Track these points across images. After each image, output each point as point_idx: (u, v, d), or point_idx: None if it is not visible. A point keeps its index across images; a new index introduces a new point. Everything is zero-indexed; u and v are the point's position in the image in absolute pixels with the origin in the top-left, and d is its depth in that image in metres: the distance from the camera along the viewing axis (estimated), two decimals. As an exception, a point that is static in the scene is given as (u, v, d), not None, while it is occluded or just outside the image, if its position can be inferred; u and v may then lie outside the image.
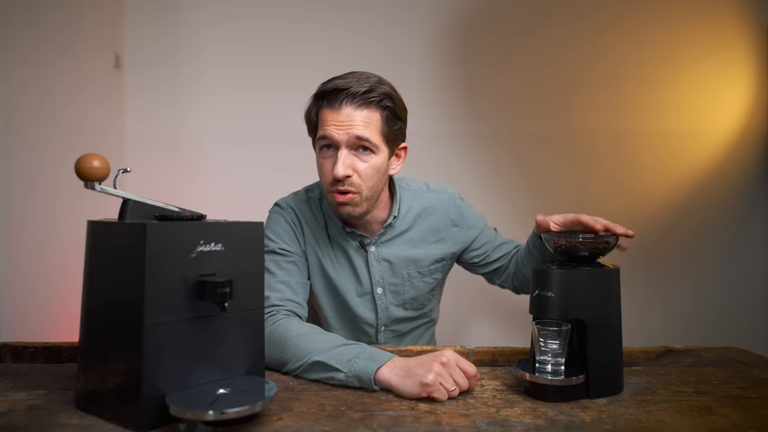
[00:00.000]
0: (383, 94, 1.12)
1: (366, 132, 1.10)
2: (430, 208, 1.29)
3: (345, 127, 1.10)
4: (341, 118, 1.10)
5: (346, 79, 1.11)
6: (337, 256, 1.25)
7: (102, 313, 0.81)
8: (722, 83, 2.12)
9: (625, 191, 2.14)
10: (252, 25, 2.11)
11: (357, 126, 1.10)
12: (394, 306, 1.28)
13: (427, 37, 2.13)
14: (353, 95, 1.09)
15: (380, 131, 1.12)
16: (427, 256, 1.28)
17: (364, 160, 1.12)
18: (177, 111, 2.11)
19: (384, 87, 1.13)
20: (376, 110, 1.11)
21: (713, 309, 2.14)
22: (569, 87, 2.13)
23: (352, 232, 1.23)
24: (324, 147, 1.14)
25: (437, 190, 1.33)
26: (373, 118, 1.11)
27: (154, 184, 2.07)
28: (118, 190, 0.83)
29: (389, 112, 1.13)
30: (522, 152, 2.15)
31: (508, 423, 0.80)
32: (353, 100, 1.10)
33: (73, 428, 0.77)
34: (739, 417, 0.83)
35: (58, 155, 1.59)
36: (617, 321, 0.95)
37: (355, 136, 1.10)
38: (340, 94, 1.10)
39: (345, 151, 1.11)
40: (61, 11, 1.68)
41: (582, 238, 0.95)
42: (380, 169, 1.15)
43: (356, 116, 1.10)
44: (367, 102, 1.10)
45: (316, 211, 1.26)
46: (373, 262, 1.25)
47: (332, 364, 0.94)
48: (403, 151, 1.23)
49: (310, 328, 1.06)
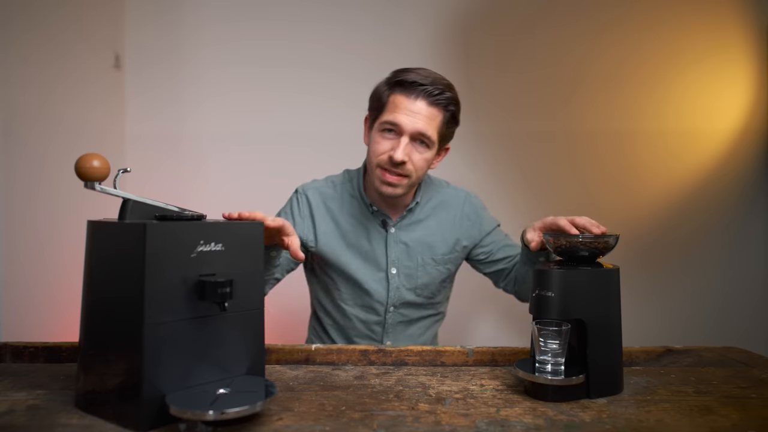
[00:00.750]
0: (452, 98, 1.24)
1: (429, 128, 1.21)
2: (447, 202, 1.40)
3: (414, 118, 1.20)
4: (414, 109, 1.20)
5: (425, 76, 1.22)
6: (355, 235, 1.34)
7: (102, 313, 0.81)
8: (722, 83, 2.12)
9: (625, 191, 2.15)
10: (252, 25, 2.11)
11: (424, 120, 1.21)
12: (405, 289, 1.35)
13: (427, 37, 2.13)
14: (429, 93, 1.20)
15: (438, 130, 1.24)
16: (442, 245, 1.36)
17: (419, 152, 1.23)
18: (177, 111, 2.11)
19: (454, 93, 1.25)
20: (441, 111, 1.23)
21: (713, 309, 2.14)
22: (569, 87, 2.13)
23: (378, 210, 1.33)
24: (386, 129, 1.23)
25: (456, 189, 1.44)
26: (437, 117, 1.23)
27: (154, 184, 2.07)
28: (118, 190, 0.83)
29: (451, 116, 1.26)
30: (522, 152, 2.15)
31: (508, 423, 0.80)
32: (428, 96, 1.21)
33: (73, 428, 0.77)
34: (739, 417, 0.83)
35: (58, 155, 1.59)
36: (617, 321, 0.95)
37: (419, 131, 1.21)
38: (418, 87, 1.20)
39: (407, 139, 1.21)
40: (61, 11, 1.68)
41: (582, 238, 0.95)
42: (429, 162, 1.26)
43: (426, 112, 1.21)
44: (438, 102, 1.22)
45: (341, 190, 1.36)
46: (392, 243, 1.34)
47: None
48: (445, 151, 1.34)
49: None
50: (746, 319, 2.13)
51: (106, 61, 1.97)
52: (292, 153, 2.06)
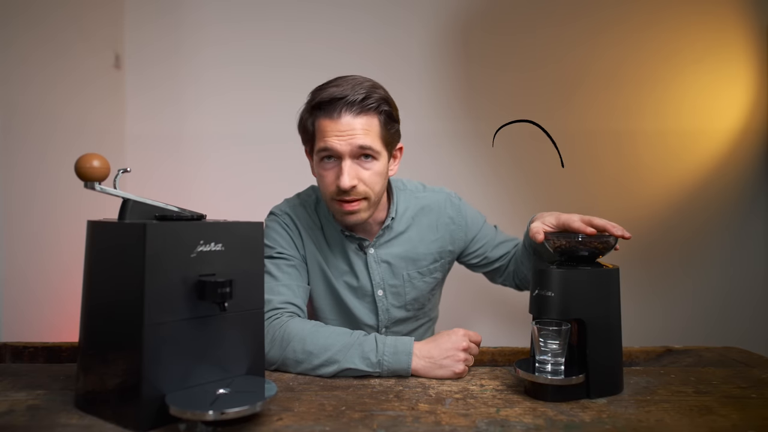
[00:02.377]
0: (380, 99, 1.11)
1: (368, 140, 1.09)
2: (427, 207, 1.29)
3: (346, 137, 1.08)
4: (342, 128, 1.08)
5: (341, 87, 1.09)
6: (336, 259, 1.24)
7: (102, 313, 0.81)
8: (722, 83, 2.12)
9: (625, 191, 2.14)
10: (252, 25, 2.11)
11: (358, 135, 1.08)
12: (395, 308, 1.29)
13: (427, 37, 2.13)
14: (351, 103, 1.08)
15: (380, 136, 1.12)
16: (426, 255, 1.28)
17: (367, 168, 1.12)
18: (177, 111, 2.11)
19: (379, 91, 1.12)
20: (374, 116, 1.11)
21: (713, 309, 2.14)
22: (569, 87, 2.13)
23: (351, 235, 1.23)
24: (325, 158, 1.12)
25: (434, 190, 1.33)
26: (372, 124, 1.10)
27: (154, 184, 2.07)
28: (118, 190, 0.83)
29: (386, 116, 1.13)
30: (522, 152, 2.15)
31: (508, 423, 0.80)
32: (351, 107, 1.08)
33: (73, 428, 0.77)
34: (739, 417, 0.83)
35: (58, 155, 1.59)
36: (617, 321, 0.95)
37: (357, 146, 1.09)
38: (338, 103, 1.08)
39: (349, 161, 1.10)
40: (61, 11, 1.68)
41: (582, 238, 0.95)
42: (383, 173, 1.15)
43: (356, 124, 1.09)
44: (365, 109, 1.09)
45: (312, 215, 1.26)
46: (373, 264, 1.25)
47: (364, 368, 1.00)
48: (399, 152, 1.24)
49: (315, 325, 1.07)
50: (746, 319, 2.13)
51: (106, 60, 1.97)
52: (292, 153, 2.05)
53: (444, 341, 1.02)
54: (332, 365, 1.00)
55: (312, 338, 1.02)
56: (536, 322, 0.92)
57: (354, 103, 1.08)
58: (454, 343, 1.02)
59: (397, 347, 1.01)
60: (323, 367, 1.01)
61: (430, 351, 1.01)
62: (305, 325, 1.06)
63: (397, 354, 1.00)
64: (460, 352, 1.01)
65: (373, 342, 1.02)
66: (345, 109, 1.08)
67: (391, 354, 1.00)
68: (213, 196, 2.11)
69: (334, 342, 1.01)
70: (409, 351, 1.00)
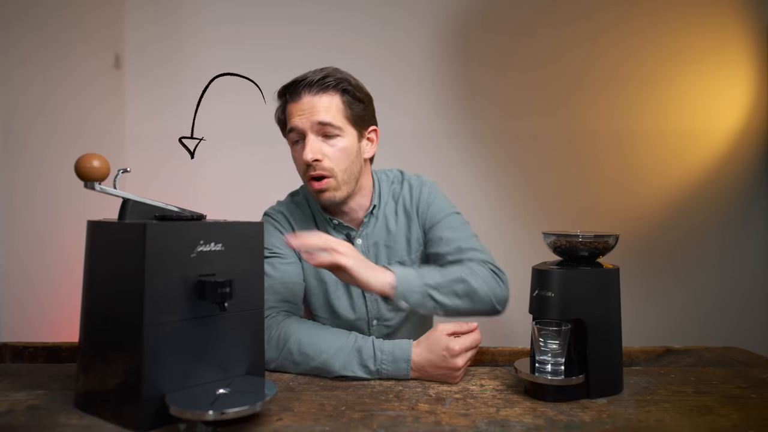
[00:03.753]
0: (339, 78, 1.16)
1: (327, 116, 1.14)
2: (404, 194, 1.30)
3: (307, 114, 1.14)
4: (303, 107, 1.15)
5: (304, 73, 1.17)
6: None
7: (102, 313, 0.81)
8: (722, 83, 2.12)
9: (625, 191, 2.15)
10: (252, 25, 2.11)
11: (318, 112, 1.14)
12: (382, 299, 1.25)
13: (427, 37, 2.13)
14: (310, 83, 1.14)
15: (343, 114, 1.16)
16: (405, 245, 1.28)
17: (331, 144, 1.16)
18: (177, 111, 2.11)
19: (340, 74, 1.18)
20: (335, 94, 1.16)
21: (713, 309, 2.14)
22: (569, 87, 2.13)
23: (339, 223, 1.25)
24: (295, 142, 1.18)
25: (410, 178, 1.33)
26: (333, 102, 1.15)
27: (154, 184, 2.07)
28: (118, 190, 0.83)
29: (349, 96, 1.17)
30: (522, 152, 2.15)
31: (508, 423, 0.80)
32: (311, 88, 1.15)
33: (72, 428, 0.77)
34: (739, 417, 0.83)
35: (58, 155, 1.59)
36: (617, 321, 0.95)
37: (317, 122, 1.14)
38: (298, 85, 1.15)
39: (312, 136, 1.14)
40: (61, 11, 1.68)
41: (582, 238, 0.95)
42: (349, 151, 1.17)
43: (316, 102, 1.14)
44: (324, 87, 1.15)
45: (305, 210, 1.29)
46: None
47: (363, 376, 1.00)
48: (374, 134, 1.26)
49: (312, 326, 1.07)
50: (746, 319, 2.13)
51: (106, 61, 1.97)
52: (292, 153, 2.06)
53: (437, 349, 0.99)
54: (330, 370, 1.00)
55: (308, 339, 1.02)
56: (536, 322, 0.92)
57: (312, 83, 1.14)
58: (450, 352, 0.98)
59: (395, 354, 1.00)
60: (321, 370, 1.00)
61: (428, 359, 0.99)
62: (302, 325, 1.06)
63: (395, 362, 0.99)
64: (458, 360, 0.98)
65: (371, 348, 1.00)
66: (305, 89, 1.15)
67: (390, 362, 0.99)
68: (213, 196, 2.11)
69: (330, 345, 1.01)
70: (407, 358, 0.99)
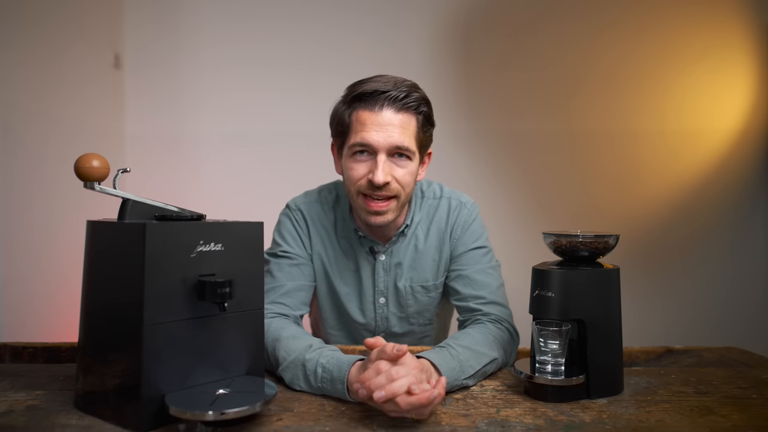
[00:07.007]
0: (420, 98, 1.09)
1: (405, 139, 1.07)
2: (439, 213, 1.23)
3: (384, 132, 1.06)
4: (382, 122, 1.06)
5: (383, 82, 1.08)
6: (343, 260, 1.22)
7: (102, 313, 0.81)
8: (722, 83, 2.12)
9: (625, 191, 2.15)
10: (252, 25, 2.11)
11: (397, 132, 1.06)
12: (396, 317, 1.25)
13: (427, 37, 2.13)
14: (394, 99, 1.06)
15: (415, 137, 1.10)
16: (432, 268, 1.22)
17: (401, 166, 1.09)
18: (177, 111, 2.11)
19: (420, 92, 1.11)
20: (413, 115, 1.09)
21: (714, 309, 2.14)
22: (569, 87, 2.13)
23: (365, 236, 1.20)
24: (358, 152, 1.09)
25: (450, 196, 1.25)
26: (411, 123, 1.09)
27: (154, 184, 2.07)
28: (118, 190, 0.83)
29: (424, 118, 1.11)
30: (522, 152, 2.15)
31: (508, 423, 0.80)
32: (394, 103, 1.06)
33: (72, 428, 0.77)
34: (740, 417, 0.83)
35: (57, 155, 1.59)
36: (617, 321, 0.94)
37: (395, 145, 1.06)
38: (380, 96, 1.06)
39: (384, 156, 1.07)
40: (61, 11, 1.68)
41: (582, 238, 0.95)
42: (414, 174, 1.12)
43: (396, 121, 1.06)
44: (406, 107, 1.07)
45: (328, 212, 1.23)
46: (380, 271, 1.21)
47: (308, 390, 0.92)
48: (428, 157, 1.20)
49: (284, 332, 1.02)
50: (747, 319, 2.13)
51: (106, 61, 1.97)
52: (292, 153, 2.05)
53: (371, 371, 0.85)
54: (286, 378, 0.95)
55: (281, 344, 0.99)
56: (536, 322, 0.92)
57: (397, 99, 1.06)
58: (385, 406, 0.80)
59: (333, 374, 0.89)
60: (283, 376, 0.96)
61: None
62: (281, 331, 1.02)
63: (332, 381, 0.89)
64: (391, 411, 0.80)
65: (314, 364, 0.92)
66: (388, 103, 1.06)
67: (328, 381, 0.90)
68: (213, 196, 2.11)
69: (288, 354, 0.97)
70: (343, 379, 0.88)
